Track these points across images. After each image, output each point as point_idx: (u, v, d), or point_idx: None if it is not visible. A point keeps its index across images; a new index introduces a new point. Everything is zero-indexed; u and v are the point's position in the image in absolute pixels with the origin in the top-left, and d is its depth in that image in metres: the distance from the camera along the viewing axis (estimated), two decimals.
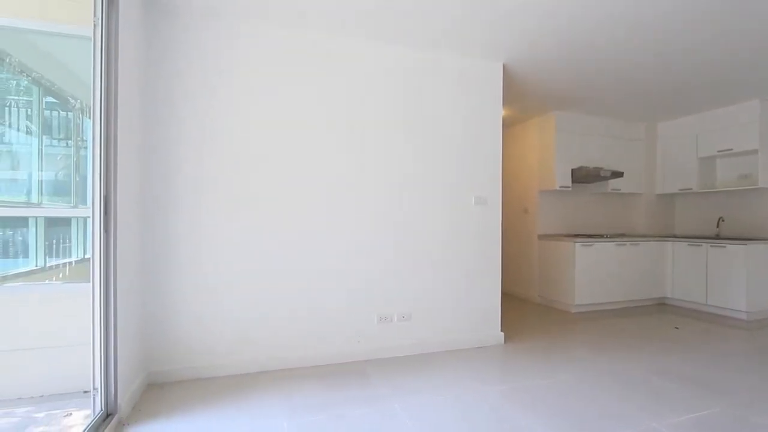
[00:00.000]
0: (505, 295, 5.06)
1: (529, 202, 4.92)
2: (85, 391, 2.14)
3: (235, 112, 2.53)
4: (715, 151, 4.44)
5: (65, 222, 2.65)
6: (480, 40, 2.81)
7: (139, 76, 2.27)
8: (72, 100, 2.65)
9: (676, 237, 4.75)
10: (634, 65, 3.25)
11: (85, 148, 2.54)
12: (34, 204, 2.43)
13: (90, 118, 1.85)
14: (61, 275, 2.59)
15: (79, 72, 2.50)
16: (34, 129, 2.48)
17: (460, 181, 3.07)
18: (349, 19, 2.53)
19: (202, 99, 2.47)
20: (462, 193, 3.08)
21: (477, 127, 3.13)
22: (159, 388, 2.29)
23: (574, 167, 4.60)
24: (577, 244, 4.20)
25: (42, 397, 2.17)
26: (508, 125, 5.23)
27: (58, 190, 2.59)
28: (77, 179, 2.54)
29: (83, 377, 2.02)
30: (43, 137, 2.51)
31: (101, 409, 1.84)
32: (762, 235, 4.29)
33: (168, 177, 2.41)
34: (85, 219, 2.54)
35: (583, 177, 4.55)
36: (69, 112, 2.68)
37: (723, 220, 4.65)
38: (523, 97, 4.10)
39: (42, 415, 2.01)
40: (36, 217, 2.43)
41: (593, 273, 4.28)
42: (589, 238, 4.37)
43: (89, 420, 1.79)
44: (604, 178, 4.64)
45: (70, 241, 2.65)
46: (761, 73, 3.41)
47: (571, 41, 2.81)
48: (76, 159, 2.57)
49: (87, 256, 2.38)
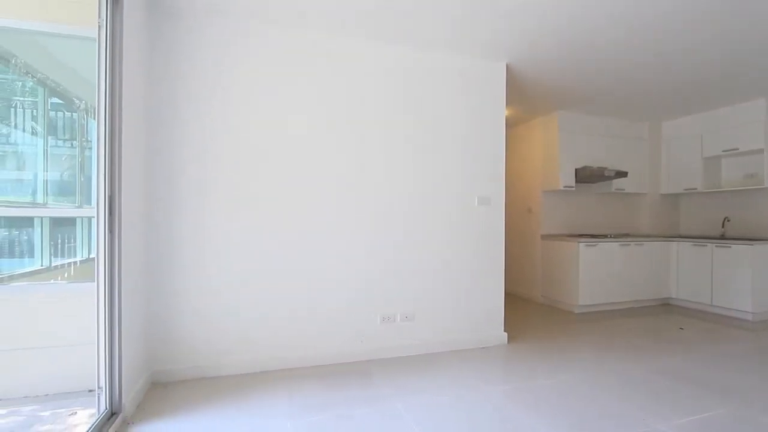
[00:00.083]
0: (509, 296, 5.05)
1: (533, 202, 4.91)
2: (90, 390, 2.15)
3: (237, 113, 2.54)
4: (720, 151, 4.41)
5: (70, 222, 2.66)
6: (481, 40, 2.81)
7: (144, 77, 2.28)
8: (77, 101, 2.67)
9: (681, 237, 4.72)
10: (635, 65, 3.23)
11: (90, 148, 2.56)
12: (39, 204, 2.45)
13: (95, 119, 1.86)
14: (66, 275, 2.60)
15: (84, 73, 2.52)
16: (40, 130, 2.49)
17: (462, 181, 3.06)
18: (349, 19, 2.53)
19: (205, 100, 2.48)
20: (465, 193, 3.07)
21: (480, 127, 3.12)
22: (163, 388, 2.30)
23: (578, 167, 4.58)
24: (580, 244, 4.19)
25: (47, 395, 2.18)
26: (511, 125, 5.21)
27: (63, 191, 2.61)
28: (82, 179, 2.55)
29: (88, 376, 2.04)
30: (49, 138, 2.52)
31: (106, 408, 1.85)
32: None
33: (172, 178, 2.42)
34: (89, 219, 2.56)
35: (587, 177, 4.53)
36: (74, 113, 2.69)
37: (728, 220, 4.61)
38: (526, 97, 4.09)
39: (47, 413, 2.02)
40: (41, 217, 2.45)
41: (597, 273, 4.26)
42: (593, 238, 4.35)
43: (94, 419, 1.80)
44: (608, 178, 4.62)
45: (75, 241, 2.67)
46: (766, 72, 3.38)
47: (572, 41, 2.80)
48: (80, 159, 2.59)
49: (92, 256, 2.40)
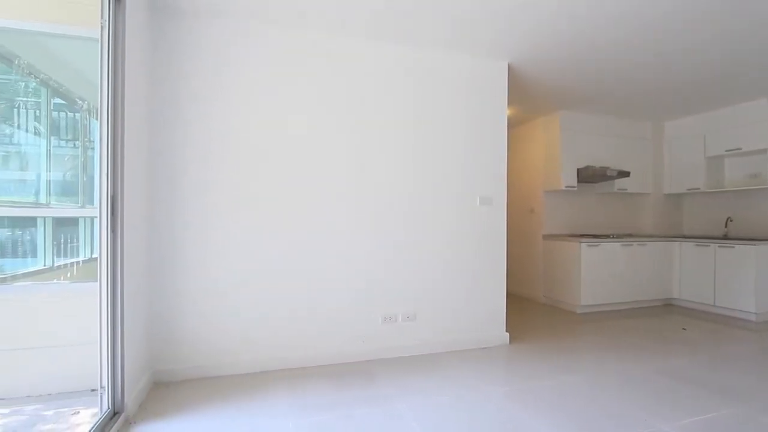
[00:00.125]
0: (510, 296, 5.03)
1: (535, 202, 4.90)
2: (93, 390, 2.16)
3: (238, 113, 2.54)
4: (723, 151, 4.39)
5: (73, 222, 2.67)
6: (483, 39, 2.80)
7: (146, 77, 2.29)
8: (79, 102, 2.67)
9: (684, 237, 4.70)
10: (637, 65, 3.22)
11: (93, 148, 2.57)
12: (42, 204, 2.46)
13: (97, 119, 1.86)
14: (69, 275, 2.61)
15: (87, 73, 2.53)
16: (43, 130, 2.50)
17: (464, 181, 3.06)
18: (350, 19, 2.53)
19: (207, 101, 2.48)
20: (467, 193, 3.06)
21: (482, 127, 3.12)
22: (165, 387, 2.30)
23: (580, 167, 4.57)
24: (583, 244, 4.18)
25: (50, 395, 2.19)
26: (513, 125, 5.20)
27: (66, 191, 2.62)
28: (84, 179, 2.56)
29: (91, 376, 2.04)
30: (51, 138, 2.53)
31: (108, 408, 1.85)
32: None
33: (174, 178, 2.43)
34: (92, 219, 2.56)
35: (589, 177, 4.52)
36: (76, 113, 2.70)
37: (731, 220, 4.59)
38: (528, 97, 4.08)
39: (50, 413, 2.03)
40: (44, 217, 2.46)
41: (599, 273, 4.25)
42: (595, 238, 4.34)
43: (96, 418, 1.80)
44: (611, 178, 4.60)
45: (78, 240, 2.68)
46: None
47: (573, 41, 2.79)
48: (83, 159, 2.60)
49: (94, 256, 2.41)
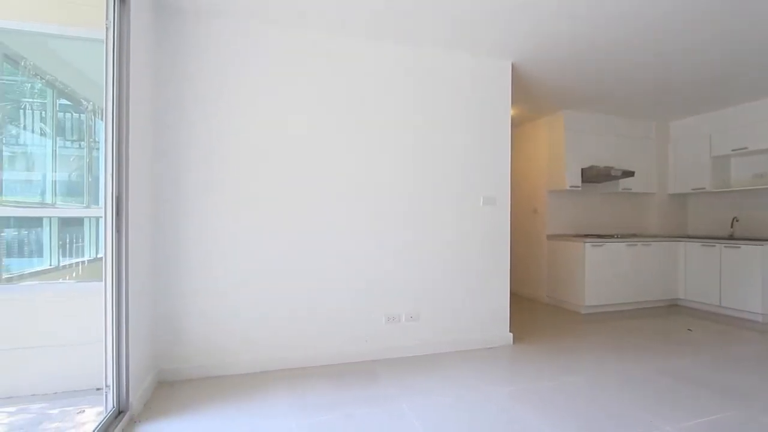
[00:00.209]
0: (514, 296, 5.01)
1: (539, 202, 4.88)
2: (98, 389, 2.17)
3: (242, 114, 2.55)
4: (729, 150, 4.36)
5: (78, 222, 2.69)
6: (485, 39, 2.79)
7: (150, 78, 2.30)
8: (85, 102, 2.69)
9: (689, 237, 4.67)
10: (640, 64, 3.20)
11: (98, 149, 2.58)
12: (48, 204, 2.48)
13: (102, 120, 1.88)
14: (74, 274, 2.63)
15: (92, 74, 2.54)
16: (48, 131, 2.52)
17: (468, 181, 3.05)
18: (350, 19, 2.53)
19: (211, 101, 2.49)
20: (470, 193, 3.06)
21: (485, 127, 3.11)
22: (169, 386, 2.31)
23: (584, 167, 4.54)
24: (587, 245, 4.16)
25: (56, 393, 2.21)
26: (516, 124, 5.19)
27: (71, 191, 2.63)
28: (90, 180, 2.58)
29: (96, 374, 2.05)
30: (57, 139, 2.55)
31: (113, 406, 1.86)
32: None
33: (178, 179, 2.44)
34: (97, 219, 2.58)
35: (593, 176, 4.50)
36: (82, 114, 2.72)
37: (737, 220, 4.55)
38: (531, 96, 4.06)
39: (56, 411, 2.04)
40: (50, 217, 2.48)
41: (603, 273, 4.23)
42: (599, 238, 4.32)
43: (102, 417, 1.82)
44: (615, 178, 4.58)
45: (83, 240, 2.70)
46: None
47: (576, 40, 2.78)
48: (88, 160, 2.61)
49: (99, 256, 2.42)
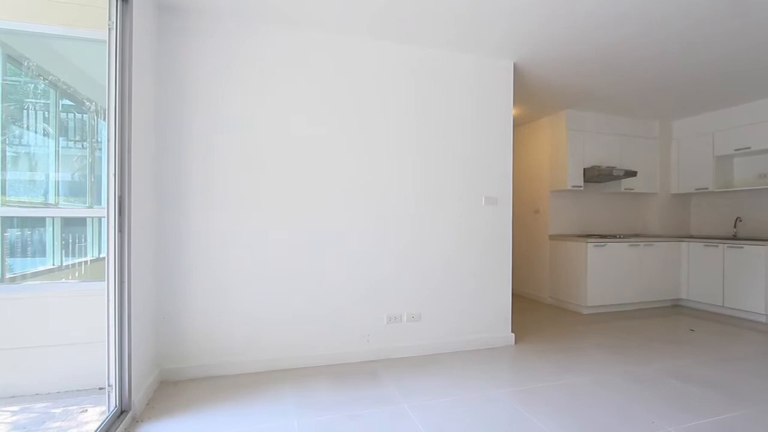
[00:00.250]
0: (516, 296, 5.02)
1: (541, 202, 4.87)
2: (101, 388, 2.18)
3: (244, 114, 2.55)
4: (732, 150, 4.34)
5: (81, 222, 2.70)
6: (487, 39, 2.79)
7: (153, 78, 2.31)
8: (87, 103, 2.70)
9: (692, 237, 4.65)
10: (642, 63, 3.18)
11: (100, 149, 2.59)
12: (51, 204, 2.49)
13: (105, 120, 1.88)
14: (77, 274, 2.64)
15: (95, 75, 2.55)
16: (51, 131, 2.53)
17: (470, 180, 3.05)
18: (353, 19, 2.53)
19: (213, 101, 2.50)
20: (472, 193, 3.05)
21: (487, 126, 3.10)
22: (172, 386, 2.32)
23: (587, 166, 4.53)
24: (589, 245, 4.15)
25: (59, 393, 2.22)
26: (518, 124, 5.18)
27: (74, 191, 2.64)
28: (92, 180, 2.59)
29: (98, 374, 2.06)
30: (60, 139, 2.56)
31: (116, 406, 1.87)
32: None
33: (181, 179, 2.44)
34: (100, 219, 2.59)
35: (595, 176, 4.48)
36: (84, 115, 2.73)
37: (740, 221, 4.54)
38: (533, 96, 4.05)
39: (59, 410, 2.05)
40: (53, 217, 2.48)
41: (606, 274, 4.22)
42: (601, 238, 4.31)
43: (104, 416, 1.82)
44: (617, 178, 4.56)
45: (86, 240, 2.71)
46: None
47: (578, 40, 2.77)
48: (91, 160, 2.62)
49: (102, 255, 2.43)
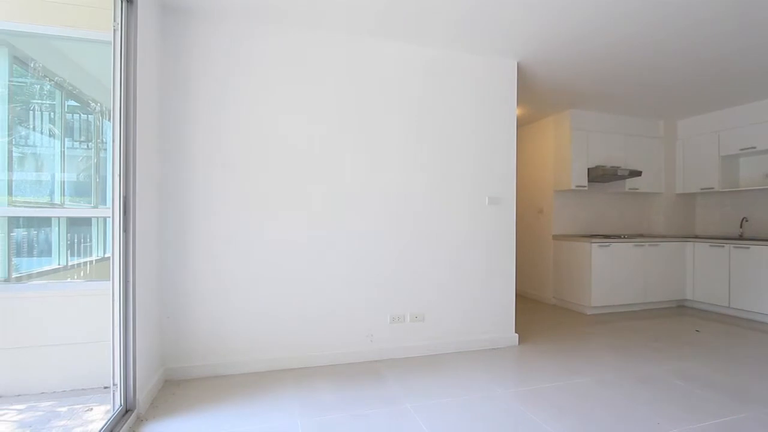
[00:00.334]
0: (519, 296, 5.01)
1: (544, 202, 4.85)
2: (105, 387, 2.20)
3: (248, 114, 2.56)
4: (738, 149, 4.30)
5: (86, 222, 2.72)
6: (491, 38, 2.78)
7: (157, 79, 2.32)
8: (93, 104, 2.72)
9: (698, 237, 4.61)
10: (647, 63, 3.17)
11: (105, 150, 2.61)
12: (56, 204, 2.50)
13: (110, 121, 1.89)
14: (82, 273, 2.66)
15: (100, 76, 2.57)
16: (57, 132, 2.55)
17: (473, 180, 3.04)
18: (358, 18, 2.53)
19: (217, 101, 2.51)
20: (475, 193, 3.05)
21: (491, 126, 3.10)
22: (176, 385, 2.33)
23: (591, 166, 4.51)
24: (593, 245, 4.13)
25: (64, 392, 2.23)
26: (522, 124, 5.16)
27: (80, 191, 2.66)
28: (97, 180, 2.60)
29: (104, 373, 2.08)
30: (66, 139, 2.58)
31: (120, 405, 1.88)
32: None
33: (185, 179, 2.45)
34: (105, 219, 2.61)
35: (599, 176, 4.46)
36: (90, 115, 2.75)
37: (747, 221, 4.50)
38: (537, 96, 4.04)
39: (64, 409, 2.07)
40: (58, 217, 2.50)
41: (610, 274, 4.19)
42: (606, 238, 4.28)
43: (109, 415, 1.83)
44: (622, 177, 4.54)
45: (91, 240, 2.72)
46: None
47: (583, 39, 2.76)
48: (96, 160, 2.64)
49: (107, 255, 2.45)
